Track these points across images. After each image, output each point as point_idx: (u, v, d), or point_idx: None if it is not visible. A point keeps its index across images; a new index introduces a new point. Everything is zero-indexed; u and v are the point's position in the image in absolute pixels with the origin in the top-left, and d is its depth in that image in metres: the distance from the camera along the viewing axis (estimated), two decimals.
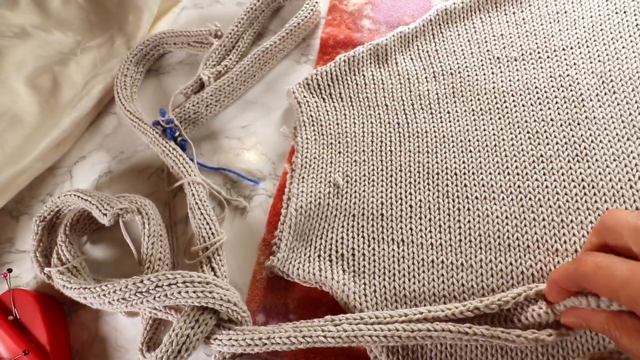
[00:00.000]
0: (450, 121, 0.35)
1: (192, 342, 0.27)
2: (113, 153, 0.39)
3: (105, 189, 0.38)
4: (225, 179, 0.37)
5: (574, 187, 0.31)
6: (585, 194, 0.30)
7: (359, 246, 0.31)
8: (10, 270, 0.33)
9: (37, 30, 0.40)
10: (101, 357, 0.32)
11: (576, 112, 0.33)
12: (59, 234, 0.32)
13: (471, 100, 0.36)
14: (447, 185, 0.32)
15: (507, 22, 0.39)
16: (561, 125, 0.33)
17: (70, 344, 0.32)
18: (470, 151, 0.33)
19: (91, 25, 0.42)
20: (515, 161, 0.32)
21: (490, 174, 0.32)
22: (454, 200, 0.32)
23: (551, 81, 0.35)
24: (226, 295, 0.27)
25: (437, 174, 0.33)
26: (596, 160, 0.31)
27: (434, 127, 0.35)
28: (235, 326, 0.28)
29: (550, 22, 0.38)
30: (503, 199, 0.31)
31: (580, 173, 0.31)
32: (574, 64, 0.35)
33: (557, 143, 0.32)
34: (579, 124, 0.33)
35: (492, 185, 0.32)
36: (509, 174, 0.32)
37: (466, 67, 0.37)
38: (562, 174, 0.31)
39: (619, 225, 0.21)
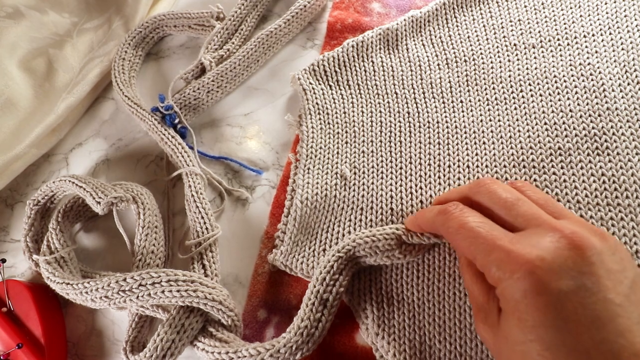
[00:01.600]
0: (463, 111, 0.33)
1: (177, 347, 0.26)
2: (111, 140, 0.38)
3: (102, 177, 0.36)
4: (226, 168, 0.35)
5: (594, 181, 0.29)
6: (605, 188, 0.29)
7: None
8: (4, 261, 0.32)
9: (32, 10, 0.38)
10: (98, 351, 0.31)
11: (597, 103, 0.32)
12: (51, 220, 0.31)
13: (486, 89, 0.34)
14: (459, 178, 0.31)
15: (525, 7, 0.37)
16: (581, 116, 0.31)
17: (65, 337, 0.31)
18: (484, 143, 0.32)
19: (88, 6, 0.41)
20: (532, 154, 0.31)
21: (504, 167, 0.30)
22: None
23: (571, 70, 0.33)
24: (211, 294, 0.26)
25: (449, 166, 0.31)
26: (617, 153, 0.30)
27: (446, 117, 0.33)
28: (222, 330, 0.27)
29: (570, 8, 0.36)
30: None
31: (601, 167, 0.29)
32: (596, 52, 0.34)
33: (576, 135, 0.31)
34: (599, 115, 0.31)
35: (506, 179, 0.30)
36: (524, 167, 0.30)
37: (481, 54, 0.35)
38: (582, 168, 0.30)
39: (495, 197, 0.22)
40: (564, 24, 0.35)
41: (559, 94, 0.32)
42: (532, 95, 0.33)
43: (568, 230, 0.20)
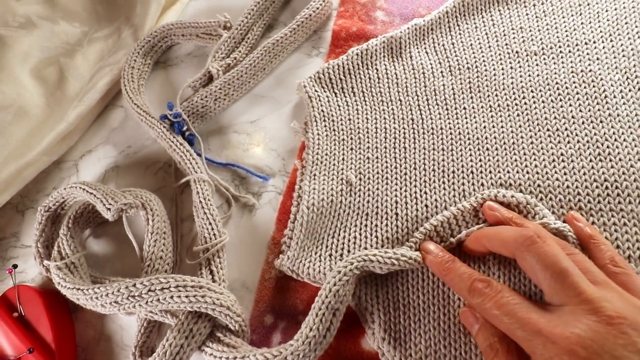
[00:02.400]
0: (466, 118, 0.34)
1: (185, 352, 0.26)
2: (120, 147, 0.39)
3: (111, 184, 0.37)
4: (233, 175, 0.36)
5: (597, 187, 0.29)
6: (608, 194, 0.29)
7: (372, 247, 0.30)
8: (15, 266, 0.33)
9: (43, 20, 0.39)
10: (107, 356, 0.31)
11: (599, 110, 0.32)
12: (62, 226, 0.32)
13: (488, 96, 0.34)
14: (463, 184, 0.31)
15: (527, 14, 0.37)
16: (583, 123, 0.32)
17: (75, 342, 0.32)
18: (487, 149, 0.32)
19: (98, 16, 0.42)
20: (535, 160, 0.31)
21: (508, 172, 0.31)
22: None
23: (572, 77, 0.34)
24: (219, 300, 0.27)
25: (453, 172, 0.32)
26: (620, 159, 0.30)
27: (449, 123, 0.34)
28: (229, 335, 0.27)
29: (572, 15, 0.36)
30: None
31: (603, 173, 0.30)
32: (597, 58, 0.34)
33: (578, 141, 0.31)
34: (601, 121, 0.31)
35: (510, 185, 0.30)
36: (527, 172, 0.31)
37: (483, 61, 0.36)
38: (584, 174, 0.30)
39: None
40: (565, 31, 0.36)
41: (560, 100, 0.33)
42: (534, 102, 0.33)
43: (608, 309, 0.20)
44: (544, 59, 0.35)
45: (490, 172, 0.31)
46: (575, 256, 0.23)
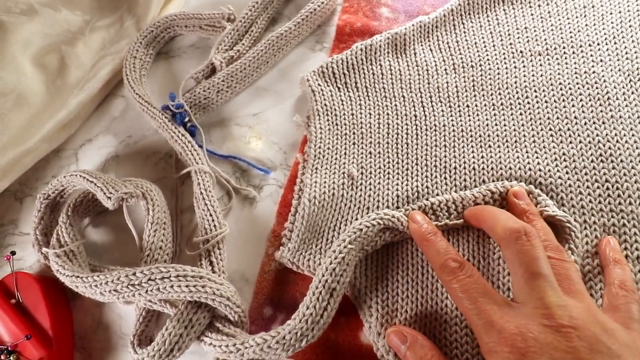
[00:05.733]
0: (469, 115, 0.34)
1: (184, 342, 0.26)
2: (120, 137, 0.38)
3: (111, 173, 0.37)
4: (234, 167, 0.36)
5: (598, 187, 0.29)
6: (609, 195, 0.29)
7: None
8: (13, 253, 0.33)
9: (45, 7, 0.39)
10: (105, 344, 0.31)
11: (601, 111, 0.32)
12: (61, 214, 0.32)
13: (492, 94, 0.34)
14: (464, 180, 0.31)
15: (532, 15, 0.37)
16: (585, 123, 0.32)
17: (73, 330, 0.32)
18: (490, 146, 0.32)
19: (100, 5, 0.41)
20: (537, 158, 0.31)
21: (510, 169, 0.31)
22: None
23: (576, 78, 0.34)
24: (219, 290, 0.27)
25: (455, 168, 0.32)
26: (621, 160, 0.30)
27: (452, 120, 0.34)
28: (229, 325, 0.27)
29: (576, 17, 0.36)
30: None
31: (605, 173, 0.30)
32: (601, 60, 0.34)
33: (580, 142, 0.31)
34: (604, 122, 0.32)
35: (511, 181, 0.30)
36: (530, 170, 0.31)
37: (488, 60, 0.36)
38: (586, 174, 0.30)
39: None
40: (570, 32, 0.36)
41: (564, 101, 0.33)
42: (537, 102, 0.33)
43: (561, 317, 0.21)
44: (548, 59, 0.35)
45: (492, 168, 0.31)
46: (564, 263, 0.24)
